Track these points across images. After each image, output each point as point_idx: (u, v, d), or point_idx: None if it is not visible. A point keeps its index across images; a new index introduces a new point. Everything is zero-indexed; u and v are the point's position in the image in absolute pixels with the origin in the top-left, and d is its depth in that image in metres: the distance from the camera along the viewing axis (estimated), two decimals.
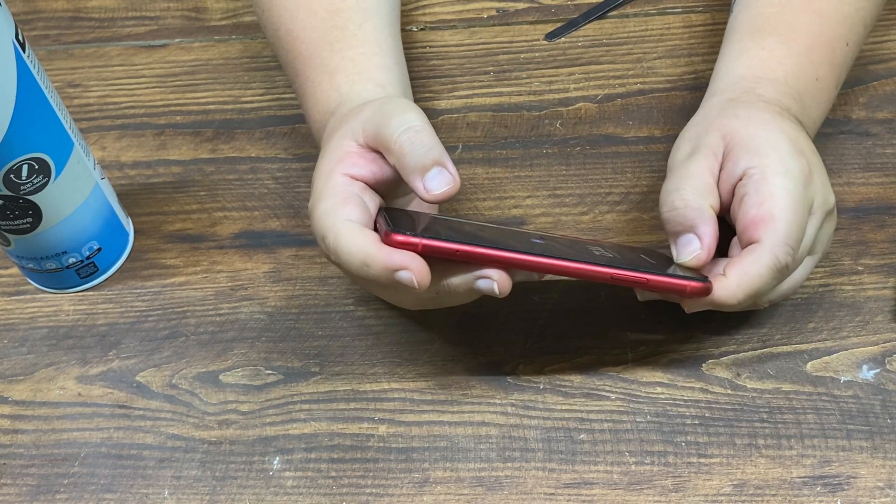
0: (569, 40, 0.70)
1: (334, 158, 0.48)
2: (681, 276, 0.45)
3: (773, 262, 0.44)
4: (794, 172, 0.46)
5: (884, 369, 0.50)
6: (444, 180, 0.45)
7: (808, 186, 0.46)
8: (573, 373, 0.52)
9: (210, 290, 0.58)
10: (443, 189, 0.45)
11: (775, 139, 0.47)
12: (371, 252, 0.43)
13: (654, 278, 0.45)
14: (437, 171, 0.45)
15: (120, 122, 0.69)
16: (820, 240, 0.48)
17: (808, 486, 0.47)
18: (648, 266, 0.46)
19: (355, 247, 0.44)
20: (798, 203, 0.45)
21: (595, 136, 0.63)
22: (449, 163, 0.45)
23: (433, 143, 0.45)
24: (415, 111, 0.47)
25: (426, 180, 0.45)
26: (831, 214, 0.49)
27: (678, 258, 0.47)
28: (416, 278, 0.43)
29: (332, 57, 0.56)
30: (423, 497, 0.49)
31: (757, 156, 0.46)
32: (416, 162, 0.45)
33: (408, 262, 0.43)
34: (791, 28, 0.53)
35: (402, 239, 0.43)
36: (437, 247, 0.43)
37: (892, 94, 0.63)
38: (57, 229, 0.56)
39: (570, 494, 0.48)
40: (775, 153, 0.46)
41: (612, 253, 0.48)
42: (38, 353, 0.57)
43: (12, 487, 0.51)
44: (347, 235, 0.44)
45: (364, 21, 0.57)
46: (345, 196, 0.46)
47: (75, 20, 0.78)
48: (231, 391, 0.54)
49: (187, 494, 0.50)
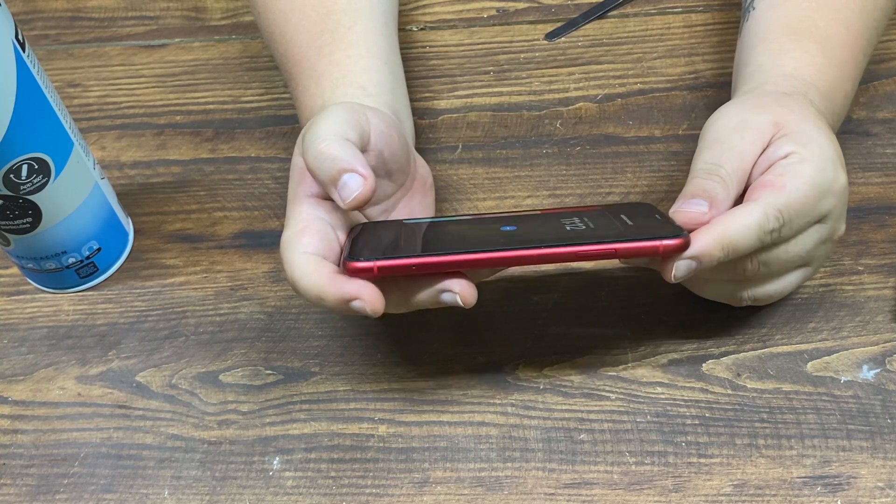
0: (569, 40, 0.70)
1: (295, 179, 0.48)
2: (655, 237, 0.43)
3: (762, 221, 0.43)
4: (829, 174, 0.45)
5: (884, 369, 0.50)
6: (353, 186, 0.44)
7: (832, 195, 0.46)
8: (573, 373, 0.52)
9: (210, 290, 0.58)
10: (354, 194, 0.44)
11: (824, 142, 0.46)
12: (323, 286, 0.43)
13: (623, 246, 0.43)
14: (346, 178, 0.44)
15: (120, 122, 0.69)
16: (816, 255, 0.48)
17: (809, 486, 0.47)
18: (622, 231, 0.44)
19: (309, 281, 0.44)
20: (815, 193, 0.45)
21: (595, 136, 0.63)
22: (359, 164, 0.44)
23: (339, 150, 0.44)
24: (328, 121, 0.46)
25: (339, 191, 0.45)
26: (833, 238, 0.48)
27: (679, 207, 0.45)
28: (369, 308, 0.43)
29: (320, 61, 0.56)
30: (423, 497, 0.49)
31: (804, 147, 0.46)
32: (325, 176, 0.45)
33: (359, 292, 0.43)
34: (826, 37, 0.53)
35: (356, 266, 0.43)
36: (393, 266, 0.43)
37: (892, 94, 0.63)
38: (57, 229, 0.56)
39: (570, 494, 0.48)
40: (820, 151, 0.46)
41: (588, 222, 0.46)
42: (37, 353, 0.57)
43: (12, 487, 0.51)
44: (300, 269, 0.44)
45: (354, 23, 0.57)
46: (304, 224, 0.46)
47: (75, 20, 0.78)
48: (231, 391, 0.54)
49: (187, 494, 0.50)
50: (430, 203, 0.54)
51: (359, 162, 0.44)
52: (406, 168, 0.51)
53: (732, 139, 0.47)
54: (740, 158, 0.46)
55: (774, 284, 0.48)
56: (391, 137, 0.49)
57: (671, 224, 0.44)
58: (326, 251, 0.45)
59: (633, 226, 0.45)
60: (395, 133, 0.50)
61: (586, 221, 0.46)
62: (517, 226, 0.46)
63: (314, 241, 0.45)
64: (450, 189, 0.61)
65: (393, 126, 0.50)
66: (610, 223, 0.46)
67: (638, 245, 0.43)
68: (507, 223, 0.47)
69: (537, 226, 0.46)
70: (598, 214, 0.47)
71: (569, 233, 0.44)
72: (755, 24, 0.56)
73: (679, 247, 0.43)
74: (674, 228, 0.44)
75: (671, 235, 0.43)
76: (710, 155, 0.46)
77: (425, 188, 0.53)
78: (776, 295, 0.49)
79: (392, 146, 0.49)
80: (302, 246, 0.45)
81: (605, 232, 0.44)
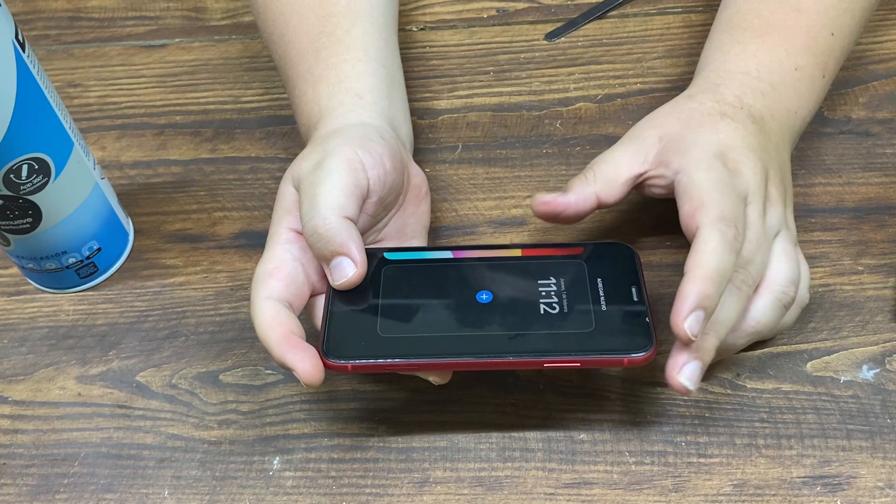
0: (569, 40, 0.70)
1: (282, 207, 0.49)
2: (621, 351, 0.44)
3: (720, 237, 0.43)
4: (716, 167, 0.46)
5: (884, 369, 0.50)
6: (346, 269, 0.47)
7: (734, 177, 0.46)
8: (573, 373, 0.52)
9: (210, 290, 0.58)
10: (342, 280, 0.47)
11: (702, 141, 0.48)
12: (271, 346, 0.45)
13: (587, 359, 0.45)
14: (339, 261, 0.47)
15: (120, 122, 0.69)
16: (773, 224, 0.47)
17: (808, 486, 0.47)
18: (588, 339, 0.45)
19: (262, 332, 0.46)
20: (724, 186, 0.46)
21: (595, 136, 0.63)
22: (353, 247, 0.46)
23: (335, 232, 0.46)
24: (327, 192, 0.47)
25: (331, 270, 0.47)
26: (775, 201, 0.48)
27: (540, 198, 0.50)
28: (304, 381, 0.44)
29: (317, 65, 0.56)
30: (423, 497, 0.49)
31: (684, 156, 0.47)
32: (320, 253, 0.47)
33: (296, 365, 0.44)
34: (768, 23, 0.54)
35: (331, 364, 0.45)
36: (366, 366, 0.45)
37: (892, 94, 0.63)
38: (57, 229, 0.56)
39: (570, 494, 0.48)
40: (699, 152, 0.47)
41: (562, 294, 0.47)
42: (38, 353, 0.57)
43: (12, 487, 0.51)
44: (260, 315, 0.46)
45: (353, 26, 0.57)
46: (275, 265, 0.47)
47: (75, 20, 0.78)
48: (231, 391, 0.54)
49: (187, 494, 0.50)
50: (424, 212, 0.54)
51: (354, 245, 0.47)
52: (400, 191, 0.52)
53: (620, 146, 0.51)
54: (613, 163, 0.50)
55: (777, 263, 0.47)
56: (388, 175, 0.50)
57: (644, 316, 0.46)
58: (291, 296, 0.47)
59: (605, 317, 0.46)
60: (390, 166, 0.50)
61: (561, 294, 0.47)
62: (493, 291, 0.47)
63: (279, 287, 0.47)
64: (450, 189, 0.61)
65: (388, 157, 0.50)
66: (583, 304, 0.46)
67: (603, 359, 0.45)
68: (484, 283, 0.48)
69: (513, 299, 0.47)
70: (574, 273, 0.48)
71: (541, 322, 0.46)
72: (712, 27, 0.57)
73: (645, 359, 0.44)
74: (643, 336, 0.45)
75: (638, 347, 0.44)
76: (601, 155, 0.51)
77: (419, 198, 0.53)
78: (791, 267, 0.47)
79: (389, 183, 0.50)
80: (267, 290, 0.46)
81: (574, 335, 0.45)
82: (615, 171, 0.50)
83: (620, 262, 0.48)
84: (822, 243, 0.56)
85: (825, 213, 0.57)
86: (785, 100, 0.52)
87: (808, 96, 0.54)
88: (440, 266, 0.49)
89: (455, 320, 0.47)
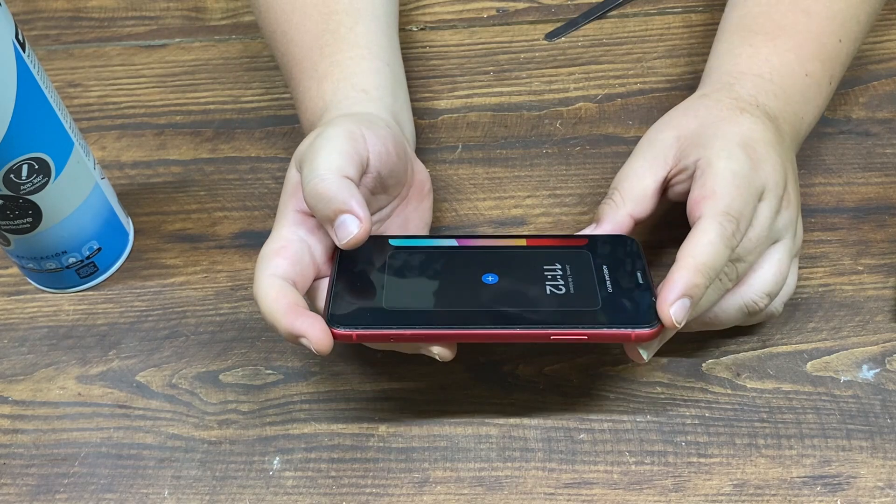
0: (569, 40, 0.70)
1: (287, 192, 0.49)
2: (628, 324, 0.44)
3: (719, 230, 0.44)
4: (738, 156, 0.46)
5: (884, 369, 0.50)
6: (350, 227, 0.45)
7: (755, 171, 0.46)
8: (573, 373, 0.52)
9: (210, 290, 0.58)
10: (349, 237, 0.45)
11: (723, 132, 0.48)
12: (277, 316, 0.44)
13: (595, 332, 0.44)
14: (343, 219, 0.46)
15: (120, 121, 0.69)
16: (779, 227, 0.47)
17: (808, 485, 0.47)
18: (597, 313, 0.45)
19: (267, 305, 0.45)
20: (741, 180, 0.45)
21: (595, 136, 0.63)
22: (356, 205, 0.45)
23: (336, 190, 0.45)
24: (326, 154, 0.46)
25: (336, 230, 0.46)
26: (787, 205, 0.48)
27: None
28: (314, 347, 0.44)
29: (322, 62, 0.56)
30: (423, 497, 0.49)
31: (705, 148, 0.47)
32: (322, 215, 0.46)
33: (306, 331, 0.44)
34: (778, 26, 0.54)
35: (337, 333, 0.44)
36: (371, 335, 0.45)
37: (892, 94, 0.63)
38: (57, 229, 0.56)
39: (570, 494, 0.48)
40: (720, 143, 0.47)
41: (568, 279, 0.47)
42: (38, 353, 0.57)
43: (12, 487, 0.51)
44: (264, 290, 0.45)
45: (356, 23, 0.57)
46: (282, 244, 0.47)
47: (75, 20, 0.78)
48: (231, 391, 0.54)
49: (187, 494, 0.50)
50: (427, 208, 0.54)
51: (356, 202, 0.45)
52: (403, 180, 0.52)
53: (637, 156, 0.50)
54: (636, 177, 0.49)
55: (764, 271, 0.47)
56: (389, 156, 0.49)
57: (648, 295, 0.45)
58: (296, 275, 0.46)
59: (611, 296, 0.46)
60: (393, 149, 0.50)
61: (567, 277, 0.47)
62: (499, 274, 0.47)
63: (285, 265, 0.46)
64: (450, 189, 0.61)
65: (391, 141, 0.50)
66: (589, 285, 0.46)
67: (610, 332, 0.44)
68: (489, 266, 0.47)
69: (519, 280, 0.47)
70: (579, 261, 0.48)
71: (548, 301, 0.46)
72: (718, 28, 0.57)
73: (652, 335, 0.44)
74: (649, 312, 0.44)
75: (642, 323, 0.44)
76: (621, 171, 0.50)
77: (422, 194, 0.53)
78: (776, 280, 0.48)
79: (390, 164, 0.50)
80: (272, 267, 0.46)
81: (580, 311, 0.45)
82: (640, 184, 0.49)
83: (624, 250, 0.48)
84: (822, 243, 0.56)
85: (825, 213, 0.57)
86: (794, 104, 0.52)
87: (815, 102, 0.54)
88: (445, 251, 0.49)
89: (461, 297, 0.46)
